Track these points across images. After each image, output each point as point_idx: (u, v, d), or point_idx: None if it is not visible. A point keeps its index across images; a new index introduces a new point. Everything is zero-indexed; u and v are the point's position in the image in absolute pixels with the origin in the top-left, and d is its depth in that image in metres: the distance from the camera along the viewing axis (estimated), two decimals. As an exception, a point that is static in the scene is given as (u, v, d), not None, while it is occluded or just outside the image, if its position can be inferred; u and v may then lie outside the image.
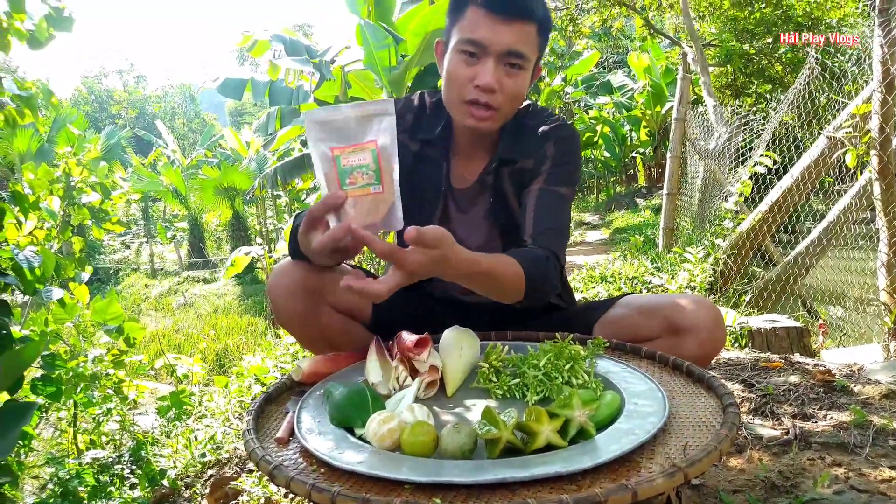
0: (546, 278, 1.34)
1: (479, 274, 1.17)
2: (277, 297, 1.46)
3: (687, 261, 4.63)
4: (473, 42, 1.36)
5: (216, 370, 6.35)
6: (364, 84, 6.36)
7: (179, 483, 2.18)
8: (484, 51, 1.36)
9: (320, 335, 1.51)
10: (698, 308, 1.38)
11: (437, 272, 1.09)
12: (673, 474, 0.88)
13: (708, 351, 1.38)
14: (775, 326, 2.80)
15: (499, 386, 1.23)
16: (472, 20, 1.36)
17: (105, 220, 3.63)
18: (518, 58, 1.38)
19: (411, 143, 1.56)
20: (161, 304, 12.20)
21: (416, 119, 1.59)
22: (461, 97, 1.41)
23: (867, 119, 3.10)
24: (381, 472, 0.92)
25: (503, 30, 1.35)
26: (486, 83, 1.37)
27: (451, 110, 1.48)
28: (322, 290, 1.47)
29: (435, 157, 1.56)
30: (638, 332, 1.45)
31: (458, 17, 1.40)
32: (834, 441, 1.56)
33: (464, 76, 1.39)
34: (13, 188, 2.62)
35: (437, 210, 1.55)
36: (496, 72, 1.37)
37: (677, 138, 6.27)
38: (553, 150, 1.51)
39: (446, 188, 1.56)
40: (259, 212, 14.87)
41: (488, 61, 1.37)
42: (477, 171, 1.56)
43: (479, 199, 1.56)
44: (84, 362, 2.81)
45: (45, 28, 2.79)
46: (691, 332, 1.36)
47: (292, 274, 1.45)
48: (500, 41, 1.35)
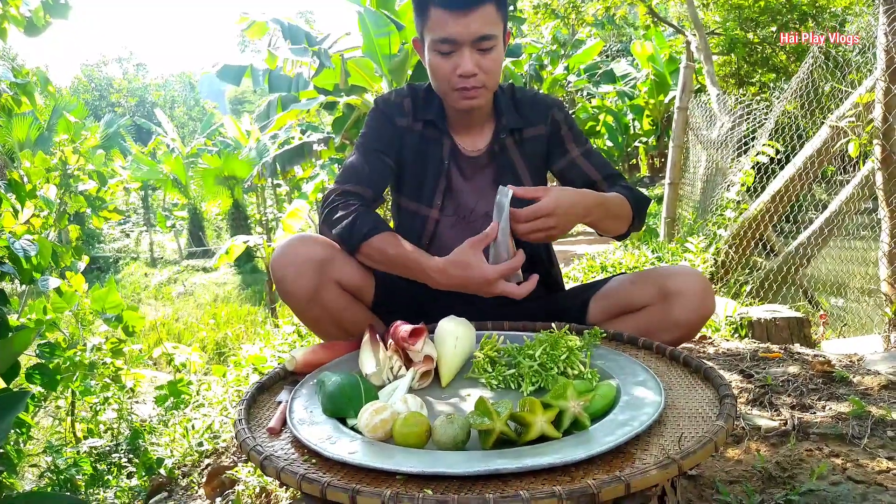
0: (644, 199, 1.60)
1: (596, 206, 1.44)
2: (284, 273, 1.47)
3: (688, 251, 4.61)
4: (444, 40, 1.49)
5: (215, 359, 6.36)
6: (364, 72, 6.32)
7: (176, 472, 2.18)
8: (455, 44, 1.49)
9: (325, 313, 1.53)
10: (687, 274, 1.49)
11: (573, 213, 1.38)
12: (667, 466, 0.87)
13: (698, 315, 1.46)
14: (776, 317, 2.78)
15: (494, 376, 1.22)
16: (437, 20, 1.48)
17: (102, 209, 3.61)
18: (487, 40, 1.49)
19: (414, 125, 1.68)
20: (161, 293, 12.22)
21: (414, 103, 1.69)
22: (450, 87, 1.54)
23: (870, 108, 3.08)
24: (373, 462, 0.91)
25: (466, 21, 1.46)
26: (466, 70, 1.50)
27: (444, 98, 1.61)
28: (329, 264, 1.49)
29: (436, 135, 1.67)
30: (631, 301, 1.53)
31: (425, 19, 1.52)
32: (832, 432, 1.55)
33: (446, 69, 1.52)
34: (10, 176, 2.61)
35: (440, 181, 1.65)
36: (472, 57, 1.50)
37: (680, 127, 6.23)
38: (560, 115, 1.70)
39: (450, 160, 1.66)
40: (259, 200, 14.85)
41: (463, 51, 1.49)
42: (483, 141, 1.68)
43: (487, 168, 1.68)
44: (82, 351, 2.80)
45: (41, 15, 2.77)
46: (681, 296, 1.45)
47: (299, 249, 1.47)
48: (466, 32, 1.47)
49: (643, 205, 1.60)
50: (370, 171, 1.61)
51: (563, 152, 1.69)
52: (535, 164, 1.70)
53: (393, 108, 1.68)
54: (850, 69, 4.05)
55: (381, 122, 1.67)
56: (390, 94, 1.72)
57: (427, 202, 1.65)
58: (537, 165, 1.71)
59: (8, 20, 2.73)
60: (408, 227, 1.68)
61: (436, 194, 1.65)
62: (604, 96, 15.65)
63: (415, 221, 1.67)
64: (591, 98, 15.85)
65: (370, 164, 1.62)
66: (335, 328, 1.56)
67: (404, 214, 1.70)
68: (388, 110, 1.68)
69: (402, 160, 1.67)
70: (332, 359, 1.33)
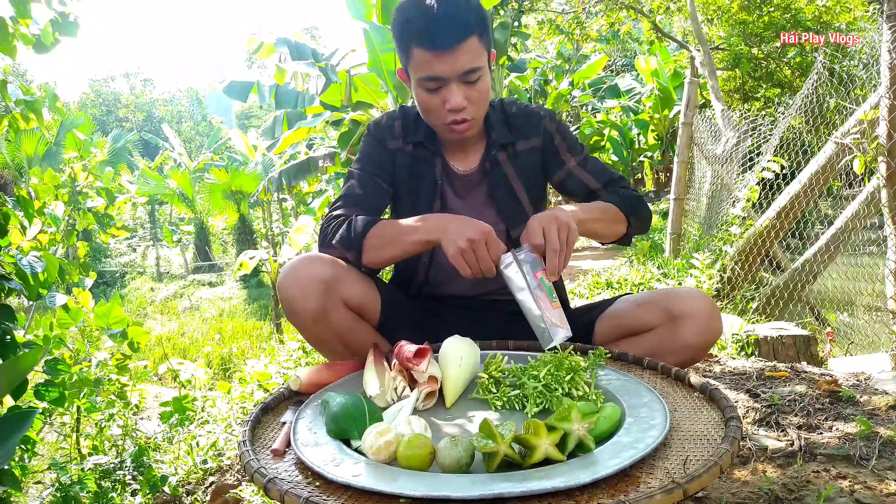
0: (637, 200, 1.60)
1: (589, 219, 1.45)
2: (290, 293, 1.46)
3: (694, 267, 4.60)
4: (430, 78, 1.48)
5: (221, 375, 6.36)
6: (369, 88, 6.36)
7: (181, 490, 2.18)
8: (442, 81, 1.48)
9: (331, 333, 1.51)
10: (694, 296, 1.47)
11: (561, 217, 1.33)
12: (672, 491, 0.86)
13: (705, 338, 1.44)
14: (782, 334, 2.77)
15: (498, 397, 1.21)
16: (420, 60, 1.47)
17: (110, 225, 3.62)
18: (473, 72, 1.48)
19: (405, 147, 1.69)
20: (167, 308, 12.24)
21: (405, 125, 1.70)
22: (440, 121, 1.55)
23: (875, 125, 3.08)
24: (377, 485, 0.91)
25: (451, 59, 1.45)
26: (456, 105, 1.49)
27: (436, 130, 1.62)
28: (335, 284, 1.47)
29: (427, 155, 1.68)
30: (637, 323, 1.52)
31: (408, 56, 1.50)
32: (839, 453, 1.54)
33: (435, 105, 1.52)
34: (18, 193, 2.63)
35: (435, 201, 1.66)
36: (460, 91, 1.49)
37: (685, 143, 6.23)
38: (552, 125, 1.69)
39: (443, 180, 1.67)
40: (265, 215, 14.90)
41: (451, 86, 1.48)
42: (475, 160, 1.68)
43: (480, 185, 1.68)
44: (88, 367, 2.81)
45: (50, 33, 2.80)
46: (688, 318, 1.43)
47: (305, 269, 1.46)
48: (452, 69, 1.46)
49: (635, 204, 1.59)
50: (366, 196, 1.62)
51: (560, 163, 1.68)
52: (530, 177, 1.70)
53: (384, 131, 1.69)
54: (854, 85, 4.06)
55: (374, 147, 1.68)
56: (382, 117, 1.73)
57: None
58: (532, 178, 1.70)
59: (17, 38, 2.76)
60: None
61: (432, 211, 1.65)
62: (608, 111, 15.69)
63: None
64: (595, 113, 15.89)
65: (366, 189, 1.63)
66: (341, 347, 1.54)
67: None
68: (380, 134, 1.69)
69: (396, 181, 1.68)
70: (337, 379, 1.33)
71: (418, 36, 1.44)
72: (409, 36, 1.46)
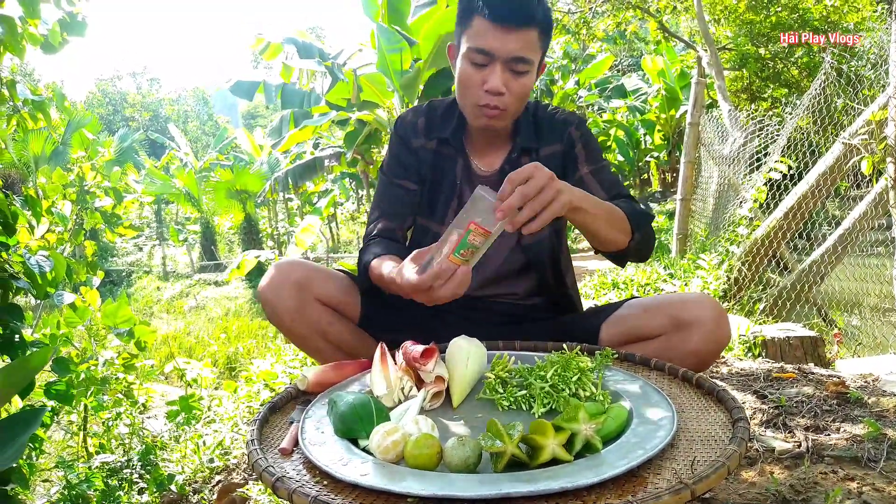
0: (648, 219, 1.51)
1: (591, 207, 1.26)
2: (267, 295, 1.56)
3: (700, 267, 4.59)
4: (481, 51, 1.45)
5: (227, 374, 6.37)
6: (376, 87, 6.37)
7: (187, 488, 2.18)
8: (491, 58, 1.45)
9: (310, 330, 1.58)
10: (701, 303, 1.43)
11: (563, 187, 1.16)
12: (679, 491, 0.86)
13: (713, 346, 1.42)
14: (789, 336, 2.76)
15: (505, 397, 1.21)
16: (479, 30, 1.45)
17: (117, 225, 3.64)
18: (523, 63, 1.46)
19: (427, 143, 1.68)
20: (173, 307, 12.28)
21: (429, 121, 1.70)
22: (474, 101, 1.51)
23: (883, 126, 3.06)
24: (384, 485, 0.91)
25: (507, 38, 1.43)
26: (494, 87, 1.46)
27: (465, 111, 1.58)
28: (309, 284, 1.55)
29: (450, 153, 1.67)
30: (644, 329, 1.49)
31: (466, 26, 1.48)
32: (847, 454, 1.53)
33: (474, 82, 1.49)
34: (26, 192, 2.64)
35: (453, 200, 1.66)
36: (503, 76, 1.46)
37: (691, 143, 6.22)
38: (577, 132, 1.66)
39: (463, 180, 1.66)
40: (270, 214, 14.93)
41: (496, 67, 1.46)
42: (497, 161, 1.67)
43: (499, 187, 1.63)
44: (95, 366, 2.82)
45: (58, 33, 2.81)
46: (695, 325, 1.40)
47: (279, 273, 1.56)
48: (505, 49, 1.44)
49: (644, 221, 1.47)
50: (391, 203, 1.66)
51: (574, 170, 1.66)
52: None
53: (408, 129, 1.69)
54: (862, 85, 4.04)
55: (399, 147, 1.69)
56: (407, 113, 1.73)
57: (439, 220, 1.67)
58: None
59: (25, 38, 2.78)
60: (420, 242, 1.68)
61: (448, 213, 1.66)
62: (615, 111, 15.68)
63: (426, 237, 1.67)
64: (601, 113, 15.87)
65: (391, 195, 1.67)
66: (323, 343, 1.60)
67: (418, 230, 1.71)
68: (404, 132, 1.70)
69: (422, 178, 1.69)
70: (344, 378, 1.33)
71: (487, 5, 1.43)
72: (478, 4, 1.44)
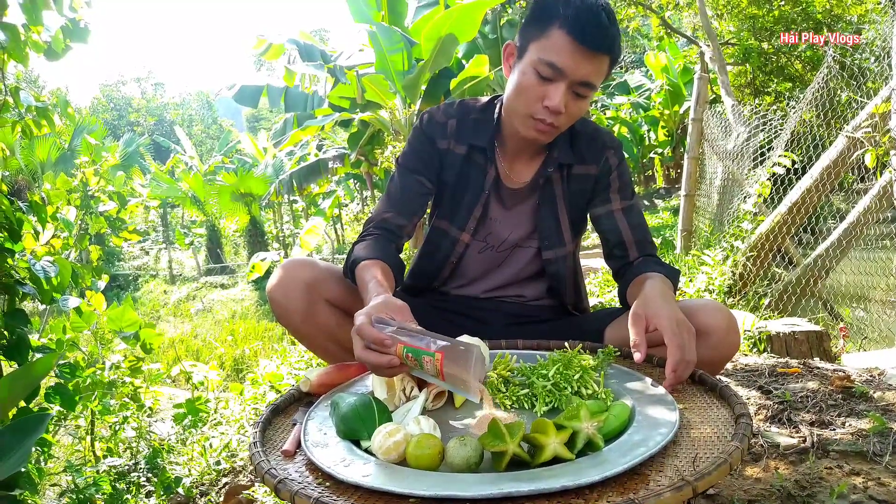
0: (677, 276, 1.50)
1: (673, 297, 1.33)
2: (275, 296, 1.53)
3: (705, 263, 4.57)
4: (552, 65, 1.38)
5: (233, 376, 6.38)
6: (377, 88, 6.37)
7: (194, 491, 2.19)
8: (560, 75, 1.39)
9: (319, 331, 1.56)
10: (712, 311, 1.39)
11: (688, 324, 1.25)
12: (681, 488, 0.86)
13: (722, 354, 1.38)
14: (794, 330, 2.75)
15: (507, 396, 1.21)
16: (556, 43, 1.37)
17: (122, 229, 3.65)
18: (588, 87, 1.41)
19: (457, 147, 1.63)
20: (179, 310, 12.31)
21: (461, 124, 1.64)
22: (528, 111, 1.45)
23: (887, 118, 3.05)
24: (386, 485, 0.91)
25: (583, 61, 1.37)
26: (555, 106, 1.40)
27: (514, 119, 1.51)
28: (318, 286, 1.52)
29: (481, 161, 1.62)
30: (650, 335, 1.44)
31: (540, 33, 1.40)
32: (852, 449, 1.53)
33: (535, 93, 1.42)
34: (31, 198, 2.65)
35: (476, 208, 1.63)
36: (565, 96, 1.41)
37: (695, 139, 6.20)
38: (615, 160, 1.62)
39: (491, 190, 1.62)
40: (276, 217, 14.95)
41: (561, 86, 1.39)
42: (528, 173, 1.63)
43: (529, 199, 1.64)
44: (101, 370, 2.83)
45: (61, 40, 2.82)
46: (705, 334, 1.36)
47: (288, 273, 1.53)
48: (578, 71, 1.38)
49: (676, 281, 1.51)
50: (404, 196, 1.61)
51: (605, 200, 1.62)
52: (578, 202, 1.65)
53: (436, 128, 1.64)
54: (865, 78, 4.02)
55: (422, 143, 1.64)
56: (437, 111, 1.67)
57: (459, 225, 1.64)
58: (579, 204, 1.65)
59: (29, 46, 2.79)
60: (436, 244, 1.67)
61: (470, 220, 1.63)
62: (618, 107, 15.64)
63: (444, 241, 1.66)
64: (605, 109, 15.84)
65: (406, 188, 1.62)
66: (331, 345, 1.58)
67: (435, 231, 1.69)
68: (431, 131, 1.64)
69: (442, 180, 1.65)
70: (347, 380, 1.34)
71: (570, 21, 1.36)
72: (559, 16, 1.37)
